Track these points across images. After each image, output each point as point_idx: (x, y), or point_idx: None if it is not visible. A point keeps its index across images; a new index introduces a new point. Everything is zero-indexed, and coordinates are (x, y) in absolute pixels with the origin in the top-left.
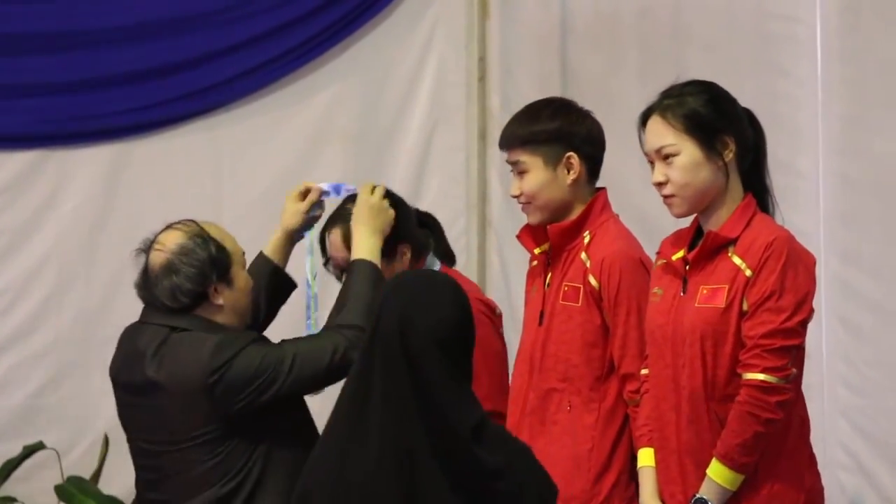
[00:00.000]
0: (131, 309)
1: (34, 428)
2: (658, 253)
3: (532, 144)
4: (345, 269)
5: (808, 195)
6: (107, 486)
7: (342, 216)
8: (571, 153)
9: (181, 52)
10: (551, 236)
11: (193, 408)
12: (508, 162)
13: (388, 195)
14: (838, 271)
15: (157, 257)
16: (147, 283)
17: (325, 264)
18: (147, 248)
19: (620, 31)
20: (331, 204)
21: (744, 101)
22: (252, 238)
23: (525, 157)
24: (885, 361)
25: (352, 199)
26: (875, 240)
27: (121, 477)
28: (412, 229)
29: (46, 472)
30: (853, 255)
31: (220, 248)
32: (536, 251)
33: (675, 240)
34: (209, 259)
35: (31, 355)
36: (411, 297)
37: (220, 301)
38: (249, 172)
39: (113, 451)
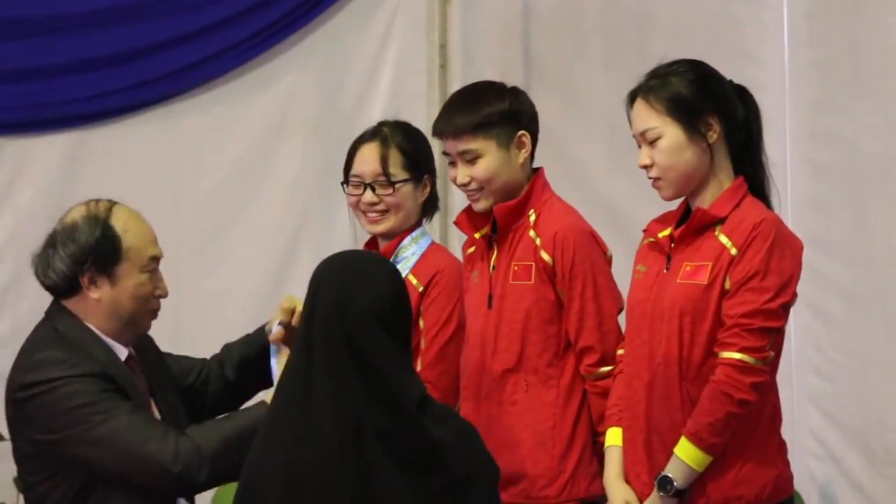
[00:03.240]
0: None
1: None
2: (644, 231)
3: (484, 128)
4: (368, 185)
5: (777, 181)
6: None
7: (377, 133)
8: (523, 132)
9: (139, 39)
10: (498, 217)
11: (10, 418)
12: (452, 152)
13: (409, 126)
14: (808, 258)
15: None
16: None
17: (343, 184)
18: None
19: (584, 17)
20: None
21: None
22: (212, 227)
23: (477, 144)
24: (855, 348)
25: (383, 123)
26: (844, 226)
27: None
28: (433, 167)
29: (5, 464)
30: (822, 241)
31: (112, 238)
32: (477, 236)
33: (663, 219)
34: (92, 244)
35: None
36: (347, 275)
37: (96, 295)
38: (209, 161)
39: None
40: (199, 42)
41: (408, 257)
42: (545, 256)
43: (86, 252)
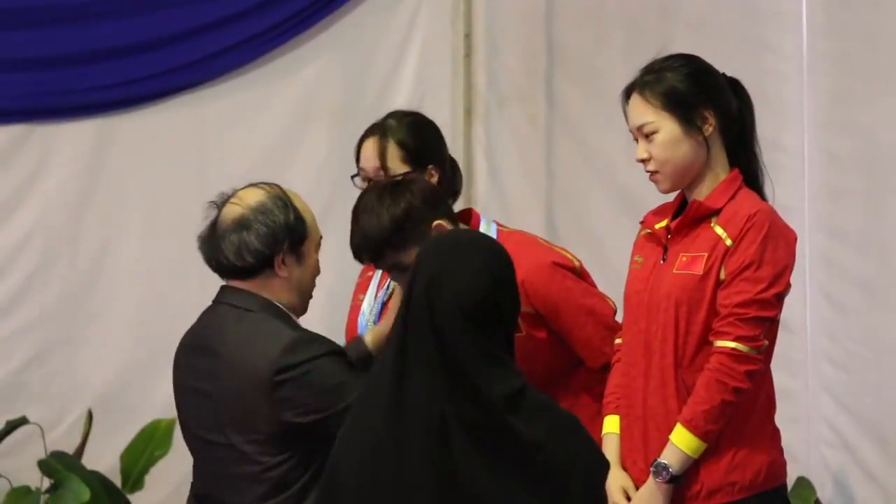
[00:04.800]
0: (116, 285)
1: (18, 403)
2: (641, 223)
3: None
4: (369, 179)
5: (794, 171)
6: (90, 462)
7: (380, 127)
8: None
9: (166, 26)
10: None
11: (252, 402)
12: None
13: (424, 117)
14: (824, 247)
15: (232, 211)
16: (213, 236)
17: (353, 178)
18: (222, 202)
19: (606, 7)
20: None
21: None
22: None
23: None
24: (870, 337)
25: (391, 115)
26: (860, 215)
27: (104, 452)
28: (443, 156)
29: (30, 447)
30: (839, 230)
31: (299, 219)
32: None
33: (660, 210)
34: (285, 224)
35: (16, 330)
36: (440, 262)
37: (285, 273)
38: (235, 148)
39: (97, 427)
40: (227, 30)
41: None
42: (525, 309)
43: (283, 231)
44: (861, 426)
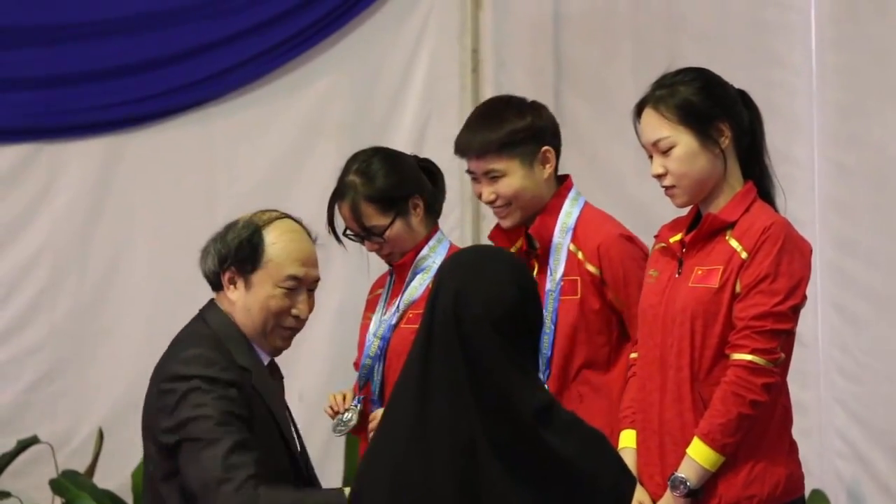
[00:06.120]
0: (125, 302)
1: (28, 422)
2: (656, 237)
3: (508, 147)
4: (361, 236)
5: (804, 183)
6: (102, 480)
7: (347, 187)
8: (546, 147)
9: (173, 44)
10: (535, 236)
11: (150, 408)
12: (477, 171)
13: (383, 152)
14: (834, 259)
15: None
16: None
17: (344, 232)
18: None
19: (614, 21)
20: None
21: None
22: None
23: (501, 163)
24: (881, 349)
25: (353, 162)
26: (870, 228)
27: (116, 471)
28: (419, 179)
29: (41, 466)
30: (849, 243)
31: (256, 245)
32: (512, 250)
33: (674, 224)
34: (236, 245)
35: (25, 349)
36: (465, 275)
37: (232, 295)
38: (243, 165)
39: (107, 445)
40: (233, 47)
41: (429, 266)
42: (591, 269)
43: (229, 250)
44: (873, 437)
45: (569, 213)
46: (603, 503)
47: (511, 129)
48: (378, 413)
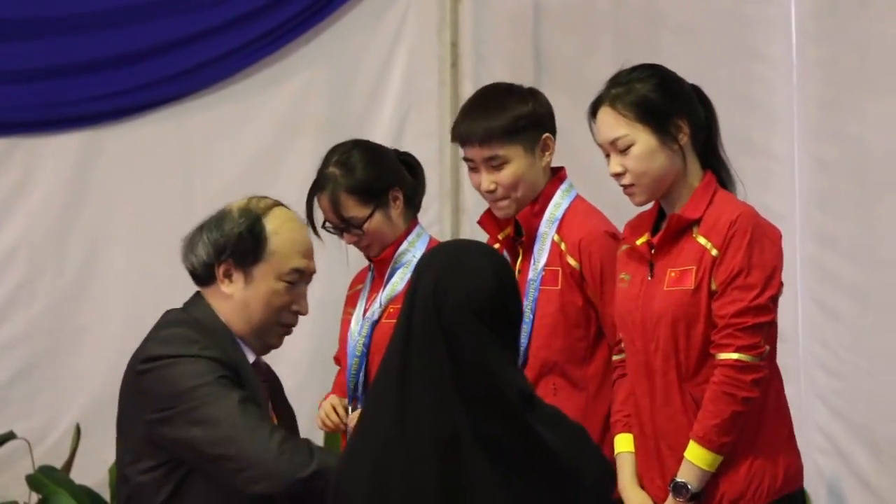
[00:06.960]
0: (103, 298)
1: (5, 418)
2: (622, 239)
3: (512, 133)
4: (340, 228)
5: (784, 178)
6: (79, 476)
7: (327, 179)
8: (547, 134)
9: (150, 38)
10: (522, 223)
11: (126, 397)
12: (477, 159)
13: (363, 145)
14: (814, 254)
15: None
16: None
17: (323, 225)
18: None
19: (594, 15)
20: None
21: (718, 84)
22: None
23: (505, 150)
24: (862, 344)
25: (333, 154)
26: (851, 222)
27: (93, 467)
28: (399, 172)
29: (18, 462)
30: (829, 238)
31: (258, 235)
32: (500, 237)
33: (637, 223)
34: (236, 235)
35: (2, 345)
36: (444, 268)
37: (227, 289)
38: (221, 160)
39: (85, 441)
40: (211, 41)
41: (409, 261)
42: (571, 262)
43: (227, 241)
44: (854, 433)
45: (557, 205)
46: (586, 496)
47: (514, 114)
48: (356, 415)
